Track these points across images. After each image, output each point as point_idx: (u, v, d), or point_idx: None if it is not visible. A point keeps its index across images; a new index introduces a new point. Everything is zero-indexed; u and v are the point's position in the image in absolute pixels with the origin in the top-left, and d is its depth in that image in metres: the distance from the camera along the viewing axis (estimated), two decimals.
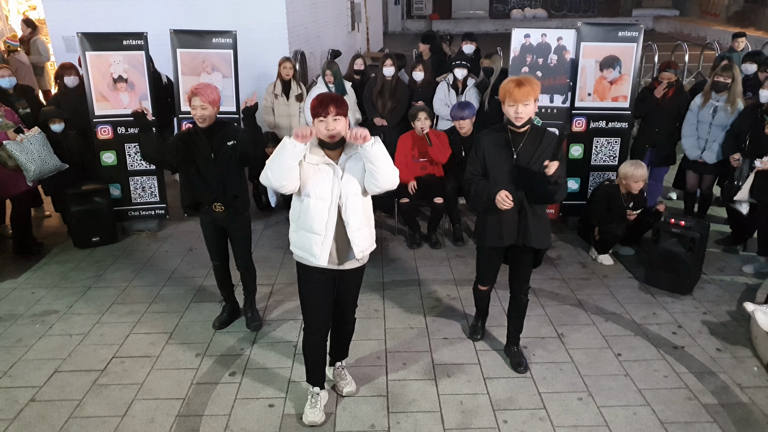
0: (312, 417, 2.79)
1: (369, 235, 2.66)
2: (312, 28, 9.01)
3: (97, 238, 4.85)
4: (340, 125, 2.41)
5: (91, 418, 2.88)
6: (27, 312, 3.87)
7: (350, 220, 2.54)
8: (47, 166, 4.46)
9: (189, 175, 3.27)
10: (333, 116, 2.39)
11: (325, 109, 2.38)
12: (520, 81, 2.68)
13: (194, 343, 3.48)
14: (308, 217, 2.52)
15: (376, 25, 16.48)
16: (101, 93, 4.86)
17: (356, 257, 2.61)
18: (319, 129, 2.41)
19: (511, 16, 22.89)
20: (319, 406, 2.83)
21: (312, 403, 2.83)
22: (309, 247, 2.55)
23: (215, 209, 3.29)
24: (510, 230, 2.86)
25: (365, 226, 2.62)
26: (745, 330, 3.53)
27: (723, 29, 15.87)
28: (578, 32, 4.73)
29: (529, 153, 2.79)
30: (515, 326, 3.25)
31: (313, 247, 2.54)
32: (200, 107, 3.11)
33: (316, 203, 2.50)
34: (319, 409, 2.82)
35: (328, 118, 2.39)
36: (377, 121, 5.38)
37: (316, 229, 2.52)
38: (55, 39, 7.51)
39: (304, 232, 2.56)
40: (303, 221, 2.55)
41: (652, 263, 4.07)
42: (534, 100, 2.70)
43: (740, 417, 2.82)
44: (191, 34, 4.95)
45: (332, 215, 2.51)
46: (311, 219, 2.52)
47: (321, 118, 2.39)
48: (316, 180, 2.48)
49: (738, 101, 4.49)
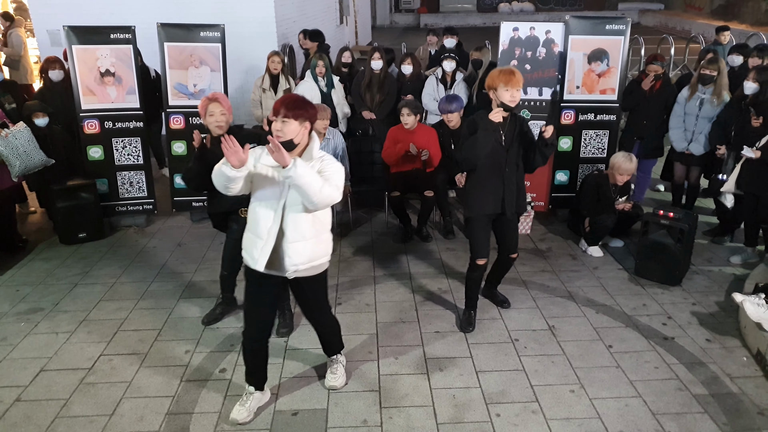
0: (234, 414, 2.77)
1: (308, 251, 2.53)
2: (300, 22, 8.93)
3: (83, 234, 4.78)
4: (288, 128, 2.35)
5: (79, 417, 2.84)
6: (12, 310, 3.80)
7: (287, 231, 2.48)
8: (33, 161, 4.38)
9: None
10: (281, 118, 2.35)
11: (276, 109, 2.37)
12: (512, 70, 3.10)
13: (184, 340, 3.44)
14: (255, 219, 2.51)
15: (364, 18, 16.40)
16: (88, 87, 4.77)
17: (286, 270, 2.53)
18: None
19: (499, 10, 22.92)
20: (247, 405, 2.79)
21: (241, 401, 2.81)
22: (251, 250, 2.53)
23: (241, 214, 3.20)
24: (497, 199, 3.27)
25: (306, 239, 2.51)
26: (734, 320, 3.57)
27: (707, 22, 16.02)
28: (566, 25, 4.73)
29: (510, 134, 3.24)
30: (498, 277, 3.72)
31: (254, 250, 2.51)
32: (220, 113, 3.11)
33: (263, 208, 2.48)
34: (246, 408, 2.78)
35: (277, 120, 2.36)
36: (366, 114, 5.35)
37: (260, 232, 2.49)
38: (39, 33, 7.37)
39: (250, 234, 2.55)
40: (251, 223, 2.54)
41: (642, 255, 4.10)
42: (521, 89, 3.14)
43: (730, 407, 2.85)
44: (179, 28, 4.87)
45: (276, 222, 2.47)
46: (256, 222, 2.50)
47: (273, 118, 2.38)
48: (266, 184, 2.45)
49: (724, 93, 4.53)
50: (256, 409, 2.83)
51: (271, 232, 2.48)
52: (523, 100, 4.90)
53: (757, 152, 3.94)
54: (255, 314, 2.68)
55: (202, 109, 3.18)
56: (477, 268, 3.43)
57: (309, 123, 2.44)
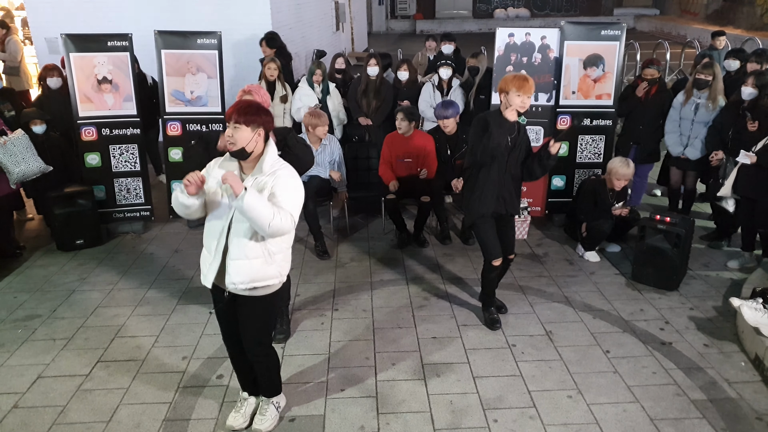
0: (230, 421, 2.75)
1: (251, 270, 2.37)
2: (297, 29, 8.97)
3: (81, 241, 4.77)
4: (239, 134, 2.24)
5: (76, 424, 2.82)
6: (9, 317, 3.79)
7: (231, 247, 2.36)
8: (31, 168, 4.38)
9: None
10: (233, 123, 2.26)
11: (228, 114, 2.28)
12: (526, 77, 3.16)
13: (181, 346, 3.44)
14: (206, 234, 2.45)
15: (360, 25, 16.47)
16: (85, 94, 4.78)
17: (225, 287, 2.43)
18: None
19: (495, 16, 23.03)
20: (242, 411, 2.77)
21: (237, 408, 2.79)
22: (202, 265, 2.48)
23: None
24: (498, 200, 3.35)
25: (249, 258, 2.36)
26: (732, 325, 3.57)
27: (702, 27, 16.13)
28: (562, 31, 4.76)
29: (515, 138, 3.29)
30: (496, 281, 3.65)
31: (204, 265, 2.46)
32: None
33: (212, 223, 2.40)
34: (242, 414, 2.75)
35: (230, 125, 2.27)
36: (362, 120, 5.37)
37: (209, 248, 2.43)
38: (37, 40, 7.38)
39: (203, 249, 2.49)
40: (204, 237, 2.48)
41: (639, 260, 4.11)
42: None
43: (729, 412, 2.85)
44: (176, 35, 4.90)
45: (222, 238, 2.37)
46: (208, 236, 2.44)
47: (228, 124, 2.29)
48: (216, 198, 2.36)
49: (719, 98, 4.55)
50: (252, 414, 2.82)
51: (218, 248, 2.38)
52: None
53: (753, 157, 3.95)
54: (221, 327, 2.67)
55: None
56: (493, 269, 3.49)
57: (263, 130, 2.31)
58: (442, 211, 4.90)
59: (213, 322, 3.67)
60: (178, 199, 2.35)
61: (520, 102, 3.13)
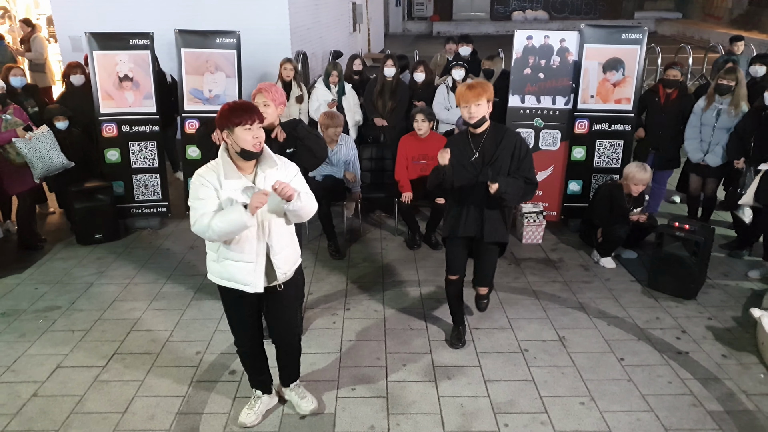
0: (243, 418, 2.77)
1: (292, 254, 2.57)
2: (314, 29, 9.03)
3: (99, 235, 4.86)
4: (262, 133, 2.32)
5: (92, 414, 2.88)
6: (30, 307, 3.88)
7: (273, 243, 2.44)
8: (54, 163, 4.48)
9: None
10: (258, 124, 2.28)
11: (252, 115, 2.25)
12: (471, 84, 2.93)
13: (195, 341, 3.48)
14: (236, 247, 2.39)
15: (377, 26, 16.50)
16: (107, 92, 4.88)
17: (278, 280, 2.51)
18: (244, 138, 2.26)
19: (512, 18, 22.90)
20: (255, 409, 2.79)
21: (250, 405, 2.81)
22: (242, 278, 2.43)
23: None
24: (469, 223, 3.12)
25: (288, 245, 2.53)
26: (751, 336, 3.50)
27: (726, 32, 15.82)
28: (581, 34, 4.72)
29: (490, 151, 3.03)
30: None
31: (246, 276, 2.42)
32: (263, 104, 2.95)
33: (246, 234, 2.36)
34: (255, 412, 2.78)
35: (254, 126, 2.26)
36: (378, 121, 5.38)
37: (247, 257, 2.41)
38: (61, 38, 7.54)
39: (230, 262, 2.42)
40: (228, 251, 2.40)
41: (656, 267, 4.05)
42: (487, 101, 2.92)
43: (746, 424, 2.80)
44: (196, 34, 4.96)
45: (261, 241, 2.41)
46: (240, 248, 2.39)
47: (247, 126, 2.25)
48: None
49: (742, 104, 4.47)
50: (264, 413, 2.85)
51: (259, 252, 2.42)
52: (536, 109, 4.90)
53: None
54: (242, 329, 2.67)
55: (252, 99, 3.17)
56: (450, 283, 3.34)
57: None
58: None
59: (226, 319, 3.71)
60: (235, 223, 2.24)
61: (467, 113, 2.91)
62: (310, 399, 2.91)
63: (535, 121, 4.93)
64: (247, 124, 2.26)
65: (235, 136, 2.28)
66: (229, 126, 2.27)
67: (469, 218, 3.11)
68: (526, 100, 4.89)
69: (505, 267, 4.42)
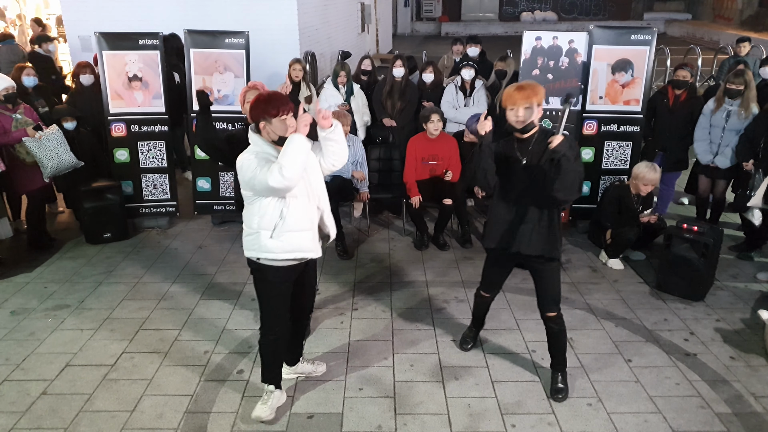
0: (258, 412, 2.79)
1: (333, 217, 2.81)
2: (323, 30, 9.05)
3: (108, 235, 4.90)
4: (293, 120, 2.50)
5: (101, 412, 2.90)
6: (40, 306, 3.92)
7: (321, 202, 2.67)
8: (64, 163, 4.52)
9: None
10: (289, 115, 2.47)
11: (286, 106, 2.46)
12: (521, 85, 2.68)
13: (203, 340, 3.50)
14: (294, 217, 2.55)
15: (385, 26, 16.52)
16: (116, 91, 4.91)
17: (331, 238, 2.77)
18: (280, 127, 2.47)
19: (521, 19, 22.85)
20: (269, 403, 2.81)
21: (263, 400, 2.83)
22: (306, 246, 2.61)
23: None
24: (517, 236, 2.81)
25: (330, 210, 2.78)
26: (760, 338, 3.48)
27: (736, 33, 15.70)
28: (590, 35, 4.71)
29: (537, 157, 2.74)
30: (552, 354, 3.03)
31: (308, 243, 2.62)
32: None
33: (302, 201, 2.57)
34: (269, 407, 2.80)
35: (289, 116, 2.47)
36: (386, 121, 5.38)
37: (306, 225, 2.59)
38: (71, 38, 7.61)
39: (292, 233, 2.56)
40: (290, 224, 2.55)
41: (664, 269, 4.03)
42: (537, 104, 2.66)
43: (754, 427, 2.78)
44: (205, 34, 4.99)
45: (313, 208, 2.63)
46: (297, 218, 2.56)
47: (283, 117, 2.46)
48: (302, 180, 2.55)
49: (752, 106, 4.44)
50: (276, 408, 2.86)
51: (314, 220, 2.63)
52: (545, 110, 4.87)
53: None
54: (283, 311, 2.74)
55: (241, 97, 3.40)
56: (480, 297, 3.25)
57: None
58: (464, 214, 4.88)
59: (234, 318, 3.74)
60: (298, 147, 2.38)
61: (514, 116, 2.66)
62: (319, 363, 3.17)
63: (544, 122, 4.91)
64: (283, 114, 2.45)
65: (273, 126, 2.48)
66: (265, 117, 2.47)
67: (516, 230, 2.80)
68: None
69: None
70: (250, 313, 3.78)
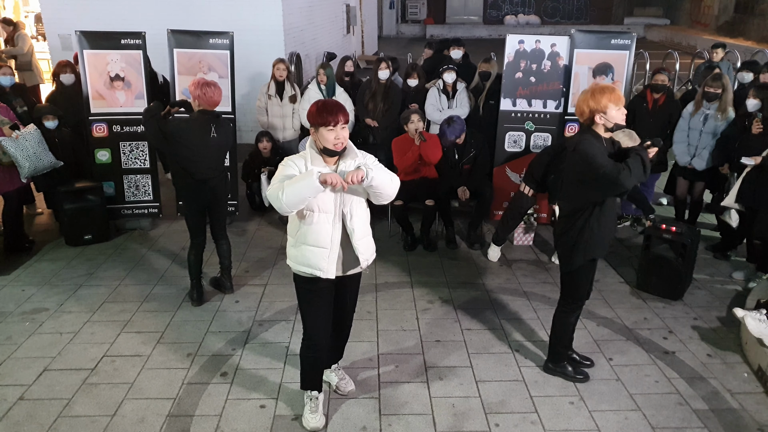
0: (314, 423, 2.76)
1: (371, 243, 2.69)
2: (308, 31, 9.04)
3: (89, 236, 4.82)
4: (346, 133, 2.45)
5: (81, 417, 2.85)
6: (17, 309, 3.84)
7: (355, 228, 2.56)
8: (42, 163, 4.44)
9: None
10: (341, 125, 2.40)
11: (335, 117, 2.38)
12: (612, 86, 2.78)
13: (185, 343, 3.46)
14: (312, 231, 2.50)
15: (371, 28, 16.54)
16: (98, 91, 4.84)
17: (360, 266, 2.63)
18: (327, 137, 2.40)
19: (505, 22, 23.08)
20: (319, 410, 2.81)
21: (312, 408, 2.79)
22: (315, 263, 2.53)
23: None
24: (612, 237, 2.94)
25: (368, 234, 2.66)
26: (736, 336, 3.57)
27: (713, 38, 16.07)
28: (572, 39, 4.78)
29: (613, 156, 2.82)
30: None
31: (320, 261, 2.52)
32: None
33: (321, 217, 2.49)
34: (320, 414, 2.81)
35: (337, 128, 2.40)
36: (368, 121, 5.39)
37: (322, 242, 2.51)
38: (51, 36, 7.47)
39: (307, 246, 2.52)
40: (306, 236, 2.52)
41: (643, 268, 4.11)
42: None
43: (730, 423, 2.85)
44: (188, 35, 4.95)
45: (336, 227, 2.52)
46: (316, 233, 2.50)
47: (330, 127, 2.38)
48: (320, 194, 2.43)
49: (729, 109, 4.55)
50: (258, 413, 2.84)
51: (334, 239, 2.52)
52: (527, 113, 4.95)
53: (758, 158, 3.94)
54: (322, 322, 2.68)
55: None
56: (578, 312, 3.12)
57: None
58: (449, 216, 4.91)
59: (218, 320, 3.71)
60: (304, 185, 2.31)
61: (622, 115, 2.74)
62: (348, 381, 3.05)
63: (527, 124, 4.98)
64: (330, 125, 2.38)
65: (320, 134, 2.42)
66: (314, 124, 2.43)
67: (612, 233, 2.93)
68: (518, 103, 4.95)
69: (497, 268, 4.46)
70: (234, 315, 3.75)
